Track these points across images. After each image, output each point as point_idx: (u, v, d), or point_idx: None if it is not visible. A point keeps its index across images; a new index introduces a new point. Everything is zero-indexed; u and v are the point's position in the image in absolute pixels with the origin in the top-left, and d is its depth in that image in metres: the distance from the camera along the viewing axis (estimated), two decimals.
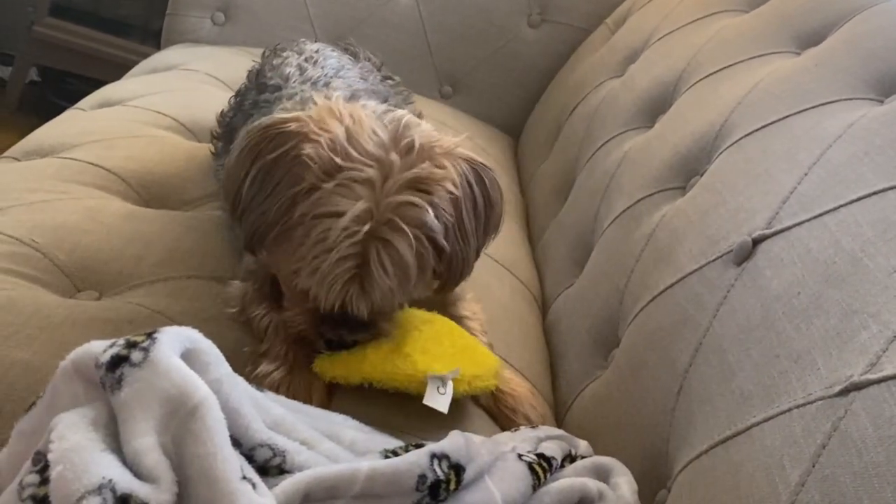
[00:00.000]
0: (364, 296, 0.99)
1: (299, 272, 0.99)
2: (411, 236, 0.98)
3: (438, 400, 1.02)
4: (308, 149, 0.98)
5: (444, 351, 1.08)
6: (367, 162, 0.98)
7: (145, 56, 2.43)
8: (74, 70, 3.45)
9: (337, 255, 0.96)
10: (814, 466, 0.77)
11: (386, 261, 0.97)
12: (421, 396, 1.02)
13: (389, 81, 1.69)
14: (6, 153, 1.60)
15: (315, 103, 1.07)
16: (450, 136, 1.07)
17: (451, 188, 1.01)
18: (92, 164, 1.47)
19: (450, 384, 1.03)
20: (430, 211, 0.99)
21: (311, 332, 1.05)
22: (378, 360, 1.04)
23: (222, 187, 1.09)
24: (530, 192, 2.08)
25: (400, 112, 1.06)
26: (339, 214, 0.96)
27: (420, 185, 1.00)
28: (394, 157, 0.99)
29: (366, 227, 0.95)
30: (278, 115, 1.05)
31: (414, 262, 0.99)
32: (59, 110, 1.87)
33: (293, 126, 1.01)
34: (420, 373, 1.03)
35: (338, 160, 0.97)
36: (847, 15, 1.35)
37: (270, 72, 1.42)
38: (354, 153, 0.98)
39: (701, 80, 1.53)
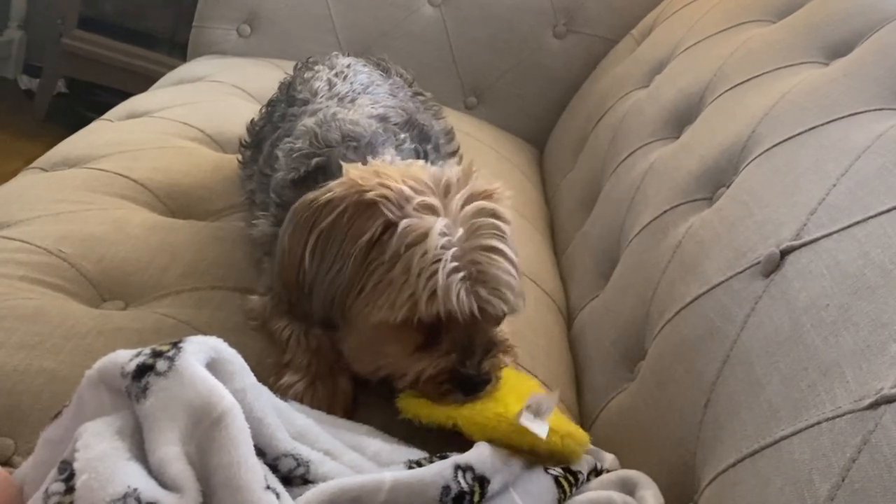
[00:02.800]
0: (492, 294, 1.00)
1: (417, 304, 0.97)
2: (500, 231, 1.02)
3: (535, 422, 0.96)
4: (371, 195, 0.99)
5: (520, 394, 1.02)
6: (426, 192, 1.01)
7: (172, 68, 2.45)
8: (102, 82, 3.48)
9: (448, 264, 0.97)
10: (843, 480, 0.76)
11: (493, 256, 1.01)
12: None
13: (420, 97, 1.68)
14: (34, 164, 1.62)
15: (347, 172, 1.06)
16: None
17: (506, 197, 1.07)
18: (119, 174, 1.48)
19: (543, 423, 0.96)
20: (499, 208, 1.04)
21: (443, 374, 1.01)
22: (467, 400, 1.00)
23: (278, 274, 1.06)
24: (555, 202, 2.07)
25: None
26: (429, 231, 0.98)
27: (482, 195, 1.04)
28: (448, 182, 1.03)
29: (460, 234, 0.99)
30: (320, 190, 1.05)
31: (514, 253, 1.04)
32: (86, 122, 1.88)
33: (340, 189, 1.01)
34: (511, 414, 0.97)
35: (408, 192, 0.99)
36: (875, 25, 1.34)
37: (301, 85, 1.42)
38: (416, 187, 1.01)
39: (728, 90, 1.52)
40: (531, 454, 0.96)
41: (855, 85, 1.23)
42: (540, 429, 0.95)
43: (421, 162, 1.11)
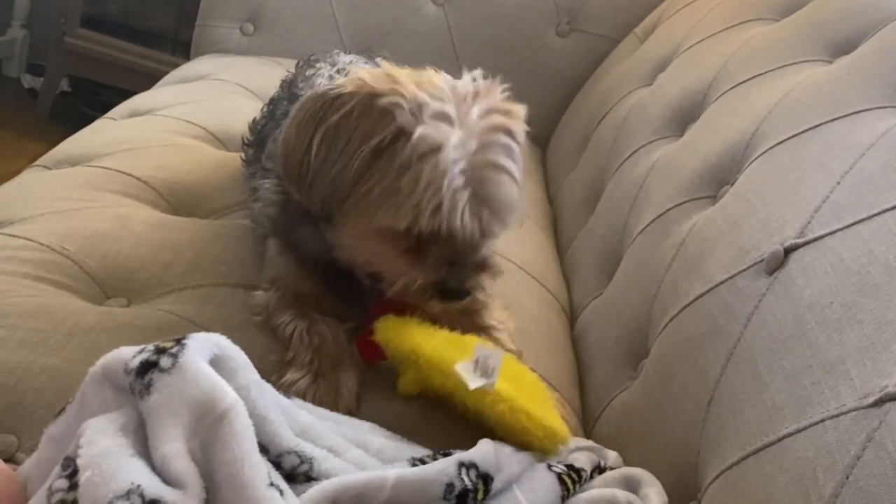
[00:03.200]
0: (494, 215, 1.02)
1: (420, 216, 0.99)
2: (510, 152, 1.04)
3: (471, 375, 0.96)
4: (384, 101, 1.00)
5: (508, 376, 1.01)
6: (443, 99, 1.02)
7: (175, 67, 2.45)
8: (105, 81, 3.49)
9: (457, 182, 0.98)
10: (847, 478, 0.76)
11: (501, 177, 1.02)
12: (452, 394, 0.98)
13: None
14: (37, 162, 1.62)
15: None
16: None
17: (522, 114, 1.09)
18: (122, 172, 1.48)
19: (486, 380, 0.95)
20: (515, 127, 1.06)
21: (430, 285, 1.04)
22: (437, 339, 1.02)
23: (282, 162, 1.08)
24: (558, 201, 2.07)
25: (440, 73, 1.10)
26: (443, 146, 0.98)
27: (497, 111, 1.05)
28: (466, 92, 1.04)
29: (472, 149, 0.99)
30: (328, 85, 1.07)
31: (521, 172, 1.05)
32: (89, 121, 1.89)
33: (351, 87, 1.02)
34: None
35: (422, 97, 1.00)
36: (879, 23, 1.33)
37: (302, 82, 1.42)
38: (433, 94, 1.01)
39: (731, 88, 1.52)
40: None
41: (859, 83, 1.23)
42: (473, 381, 0.95)
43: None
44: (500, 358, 0.97)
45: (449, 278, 1.04)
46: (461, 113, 1.02)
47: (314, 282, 1.17)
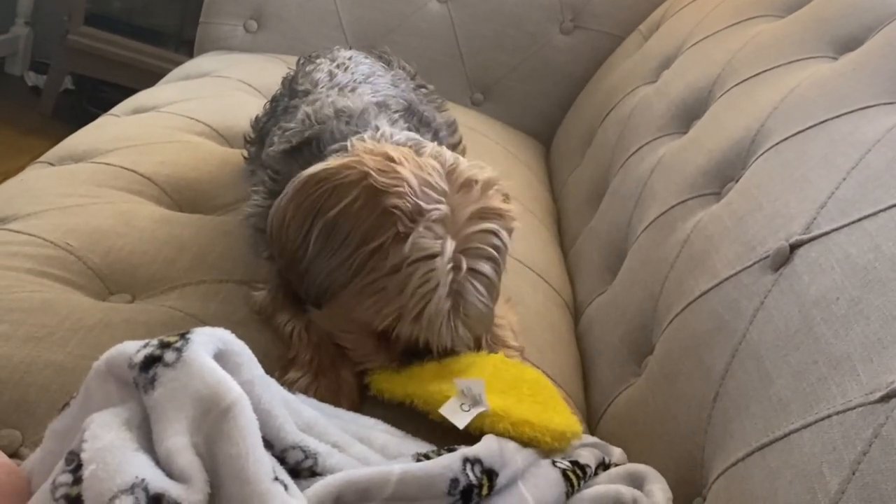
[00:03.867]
0: (467, 327, 1.02)
1: (400, 321, 0.99)
2: (494, 261, 1.03)
3: (458, 414, 0.96)
4: (393, 199, 0.98)
5: (503, 386, 1.02)
6: (440, 200, 1.00)
7: (178, 64, 2.45)
8: (108, 78, 3.49)
9: (442, 293, 0.97)
10: (854, 474, 0.75)
11: (480, 288, 1.01)
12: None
13: (423, 90, 1.68)
14: (41, 159, 1.62)
15: (353, 146, 1.07)
16: (486, 167, 1.08)
17: (511, 216, 1.06)
18: (126, 168, 1.48)
19: (478, 408, 0.96)
20: (503, 234, 1.04)
21: (388, 362, 1.06)
22: (427, 378, 1.02)
23: (275, 240, 1.06)
24: (562, 198, 2.07)
25: (438, 148, 1.08)
26: (435, 255, 0.97)
27: (488, 215, 1.03)
28: (457, 193, 1.02)
29: (463, 263, 0.98)
30: (326, 164, 1.04)
31: (498, 284, 1.04)
32: (93, 119, 1.88)
33: (352, 176, 1.01)
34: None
35: (422, 205, 0.99)
36: (885, 19, 1.33)
37: (302, 78, 1.42)
38: (430, 194, 1.00)
39: (736, 85, 1.52)
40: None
41: (864, 79, 1.23)
42: (462, 419, 0.95)
43: (432, 144, 1.10)
44: (482, 385, 0.97)
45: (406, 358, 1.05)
46: (455, 215, 1.00)
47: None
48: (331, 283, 1.02)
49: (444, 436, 0.95)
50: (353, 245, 0.99)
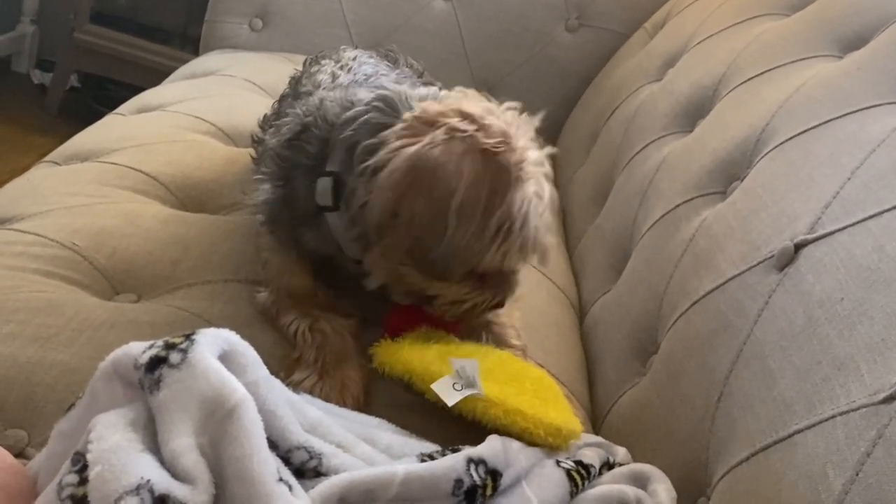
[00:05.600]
0: (538, 257, 1.09)
1: (505, 259, 1.04)
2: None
3: (449, 392, 0.96)
4: (504, 155, 1.02)
5: (505, 378, 1.03)
6: (529, 143, 1.07)
7: (184, 62, 2.45)
8: (114, 76, 3.49)
9: (548, 222, 1.06)
10: (857, 474, 0.75)
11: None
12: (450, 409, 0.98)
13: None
14: (47, 157, 1.62)
15: (421, 110, 1.07)
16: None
17: None
18: (131, 168, 1.48)
19: (471, 390, 0.96)
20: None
21: (480, 305, 1.10)
22: (429, 358, 1.02)
23: (403, 231, 1.03)
24: (567, 197, 2.06)
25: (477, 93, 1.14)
26: (542, 194, 1.05)
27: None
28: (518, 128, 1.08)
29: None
30: (424, 142, 1.02)
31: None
32: (99, 116, 1.89)
33: (460, 147, 1.01)
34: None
35: (524, 152, 1.05)
36: (890, 18, 1.33)
37: (306, 79, 1.42)
38: (520, 137, 1.06)
39: (741, 84, 1.51)
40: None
41: (870, 78, 1.22)
42: (452, 396, 0.95)
43: (471, 91, 1.15)
44: (476, 366, 0.98)
45: (496, 297, 1.10)
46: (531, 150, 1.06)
47: (307, 279, 1.18)
48: (469, 254, 1.02)
49: (449, 435, 0.95)
50: (482, 208, 1.00)
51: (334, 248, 1.14)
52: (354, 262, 1.13)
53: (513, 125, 1.06)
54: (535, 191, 1.04)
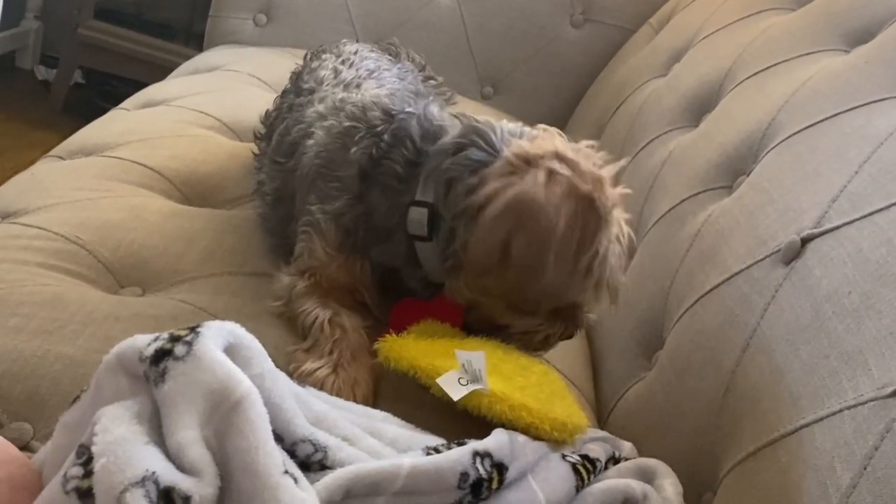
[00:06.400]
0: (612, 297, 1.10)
1: (584, 293, 1.07)
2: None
3: (454, 386, 0.96)
4: (595, 196, 1.03)
5: (511, 372, 1.03)
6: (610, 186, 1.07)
7: (188, 58, 2.45)
8: (118, 72, 3.49)
9: (618, 268, 1.07)
10: (865, 469, 0.75)
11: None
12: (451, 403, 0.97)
13: (432, 82, 1.68)
14: (51, 152, 1.62)
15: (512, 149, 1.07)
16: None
17: None
18: (135, 162, 1.48)
19: (476, 385, 0.96)
20: None
21: (552, 335, 1.13)
22: (434, 353, 1.02)
23: (497, 272, 1.04)
24: None
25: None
26: (620, 237, 1.07)
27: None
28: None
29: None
30: (527, 188, 1.02)
31: None
32: (102, 112, 1.89)
33: (560, 190, 1.02)
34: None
35: (611, 194, 1.05)
36: None
37: (307, 75, 1.42)
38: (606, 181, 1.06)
39: (747, 78, 1.51)
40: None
41: (877, 72, 1.22)
42: (457, 391, 0.95)
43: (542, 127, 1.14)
44: (482, 359, 0.97)
45: (567, 329, 1.13)
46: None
47: (355, 278, 1.16)
48: (559, 292, 1.07)
49: (455, 429, 0.95)
50: (576, 249, 1.02)
51: (401, 263, 1.14)
52: (421, 280, 1.14)
53: (602, 168, 1.07)
54: (617, 234, 1.06)
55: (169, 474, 0.68)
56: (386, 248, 1.14)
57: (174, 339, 0.75)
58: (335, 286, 1.15)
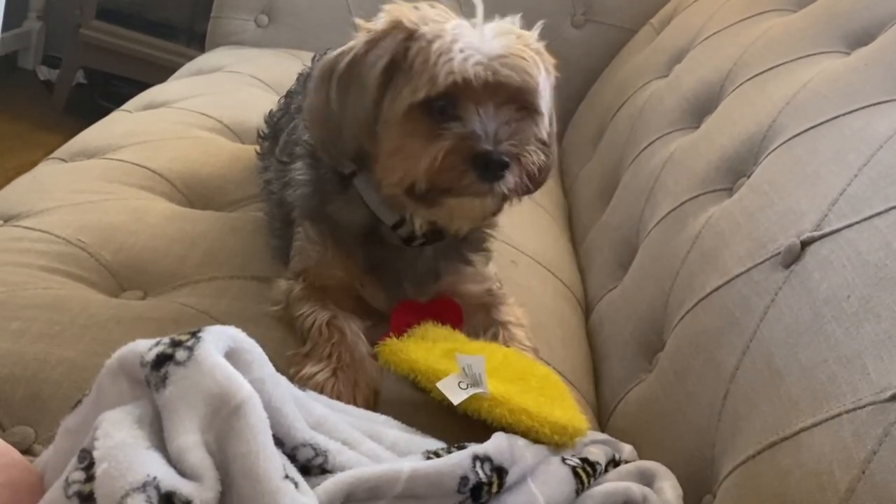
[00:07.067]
0: (507, 66, 1.04)
1: (434, 80, 1.01)
2: (526, 57, 1.07)
3: (455, 390, 0.96)
4: (390, 26, 1.06)
5: (511, 376, 1.03)
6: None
7: (190, 59, 2.46)
8: (120, 73, 3.50)
9: (465, 42, 1.02)
10: (864, 473, 0.75)
11: (514, 59, 1.06)
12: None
13: None
14: (53, 154, 1.63)
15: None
16: None
17: (549, 60, 1.15)
18: (137, 165, 1.48)
19: (476, 389, 0.96)
20: (540, 67, 1.09)
21: (462, 154, 1.02)
22: (434, 356, 1.02)
23: (311, 132, 1.13)
24: (573, 193, 2.06)
25: None
26: (450, 26, 1.04)
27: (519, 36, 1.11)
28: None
29: (486, 41, 1.04)
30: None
31: (535, 68, 1.08)
32: (105, 113, 1.89)
33: (354, 41, 1.07)
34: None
35: (425, 13, 1.07)
36: None
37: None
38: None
39: (748, 80, 1.51)
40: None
41: (877, 74, 1.22)
42: (458, 395, 0.95)
43: None
44: (482, 363, 0.97)
45: (477, 141, 1.01)
46: (481, 29, 1.06)
47: (347, 270, 1.16)
48: (362, 122, 1.05)
49: (455, 433, 0.95)
50: (367, 76, 1.04)
51: (366, 216, 1.14)
52: (394, 229, 1.14)
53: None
54: (438, 30, 1.04)
55: (170, 479, 0.68)
56: (346, 202, 1.15)
57: (175, 343, 0.76)
58: (330, 285, 1.15)
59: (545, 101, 1.09)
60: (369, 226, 1.15)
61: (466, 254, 1.20)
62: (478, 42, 1.03)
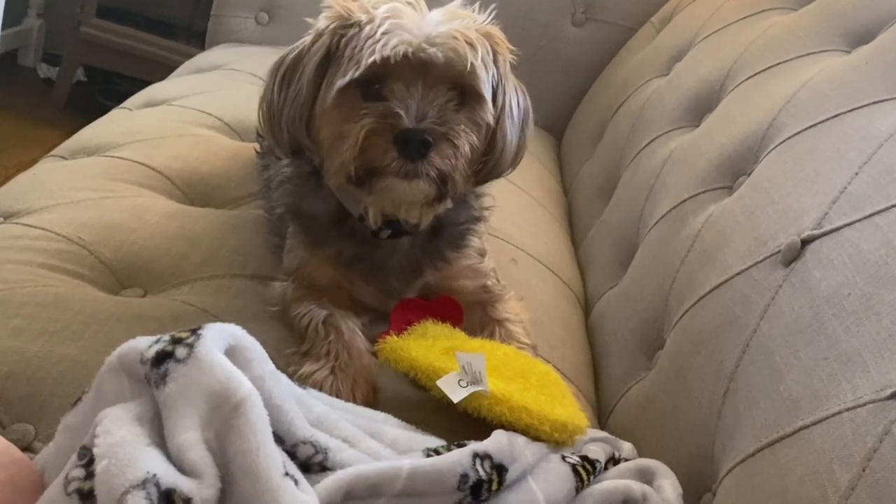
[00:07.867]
0: (434, 46, 1.02)
1: (360, 63, 1.01)
2: (459, 37, 1.04)
3: (455, 388, 0.96)
4: (331, 19, 1.07)
5: (511, 373, 1.03)
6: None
7: (190, 56, 2.46)
8: (121, 70, 3.50)
9: (391, 24, 1.02)
10: (864, 471, 0.75)
11: (445, 38, 1.03)
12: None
13: None
14: (53, 152, 1.62)
15: None
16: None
17: (500, 42, 1.15)
18: (138, 162, 1.48)
19: (476, 387, 0.96)
20: (477, 47, 1.06)
21: (386, 130, 1.01)
22: (434, 354, 1.02)
23: (263, 126, 1.15)
24: (573, 191, 2.06)
25: None
26: (380, 12, 1.04)
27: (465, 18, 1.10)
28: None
29: (417, 21, 1.04)
30: None
31: (471, 49, 1.05)
32: (105, 110, 1.89)
33: (310, 34, 1.09)
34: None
35: (372, 2, 1.07)
36: None
37: None
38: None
39: (748, 78, 1.51)
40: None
41: (878, 73, 1.22)
42: (458, 393, 0.95)
43: None
44: (482, 361, 0.97)
45: (398, 118, 1.01)
46: (422, 16, 1.05)
47: (332, 266, 1.16)
48: (300, 108, 1.07)
49: (455, 431, 0.95)
50: (305, 64, 1.07)
51: (336, 210, 1.15)
52: (358, 220, 1.14)
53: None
54: (371, 16, 1.04)
55: (170, 476, 0.68)
56: (317, 193, 1.16)
57: (175, 341, 0.76)
58: (321, 283, 1.15)
59: (486, 82, 1.07)
60: (341, 220, 1.15)
61: (444, 250, 1.18)
62: (411, 24, 1.03)
